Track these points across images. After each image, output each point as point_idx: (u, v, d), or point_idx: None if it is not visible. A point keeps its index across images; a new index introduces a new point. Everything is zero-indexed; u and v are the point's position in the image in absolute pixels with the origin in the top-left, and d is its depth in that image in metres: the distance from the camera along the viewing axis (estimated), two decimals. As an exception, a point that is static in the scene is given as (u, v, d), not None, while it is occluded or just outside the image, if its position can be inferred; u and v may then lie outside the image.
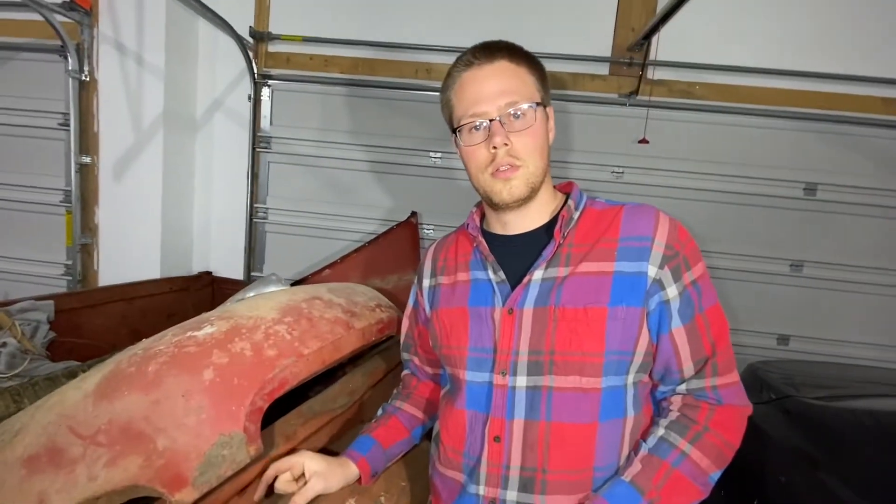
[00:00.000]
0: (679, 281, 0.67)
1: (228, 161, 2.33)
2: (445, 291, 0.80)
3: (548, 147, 0.75)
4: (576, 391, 0.66)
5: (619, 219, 0.71)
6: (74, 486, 0.58)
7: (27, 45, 2.25)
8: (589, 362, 0.66)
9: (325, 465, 0.75)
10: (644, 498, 0.62)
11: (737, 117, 2.12)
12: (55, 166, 2.26)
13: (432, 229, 2.26)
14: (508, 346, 0.69)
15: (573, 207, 0.74)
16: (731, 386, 0.68)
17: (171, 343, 0.67)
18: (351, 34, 2.22)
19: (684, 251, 0.68)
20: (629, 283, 0.66)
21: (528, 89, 0.72)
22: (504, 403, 0.69)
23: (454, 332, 0.76)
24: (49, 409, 0.66)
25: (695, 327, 0.67)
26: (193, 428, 0.60)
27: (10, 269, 2.35)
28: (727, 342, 0.69)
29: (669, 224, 0.69)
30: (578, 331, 0.66)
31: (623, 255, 0.68)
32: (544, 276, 0.70)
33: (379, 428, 0.85)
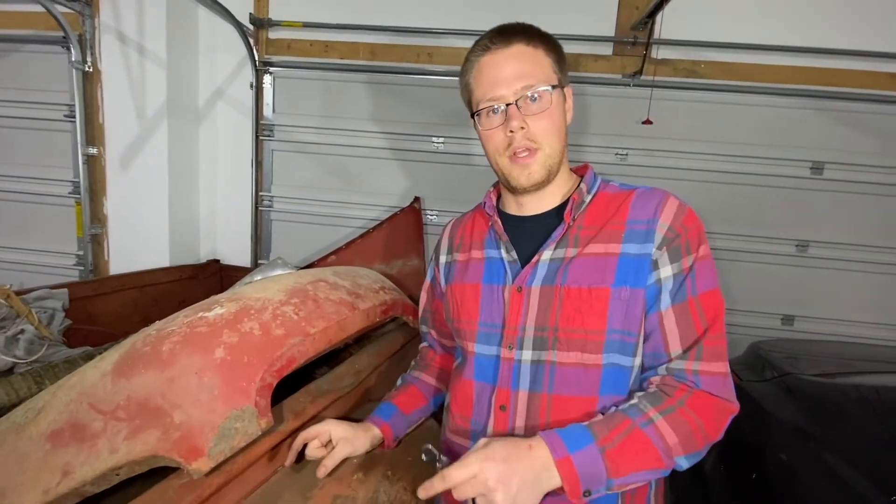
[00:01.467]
0: (676, 262, 0.67)
1: (232, 150, 2.35)
2: (460, 267, 0.84)
3: (565, 128, 0.76)
4: (577, 366, 0.69)
5: (628, 202, 0.72)
6: (97, 458, 0.62)
7: (30, 36, 2.26)
8: (591, 340, 0.68)
9: (351, 430, 0.80)
10: (595, 443, 0.60)
11: (742, 96, 2.09)
12: (63, 158, 2.29)
13: (436, 214, 2.27)
14: (516, 322, 0.73)
15: (585, 190, 0.76)
16: (715, 375, 0.65)
17: (183, 324, 0.70)
18: (351, 19, 2.21)
19: (687, 235, 0.68)
20: (634, 264, 0.68)
21: (545, 72, 0.72)
22: (510, 375, 0.73)
23: (465, 306, 0.80)
24: (70, 387, 0.69)
25: (686, 309, 0.67)
26: (207, 403, 0.63)
27: (23, 260, 2.41)
28: (720, 331, 0.67)
29: (677, 208, 0.70)
30: (582, 309, 0.69)
31: (630, 238, 0.69)
32: (552, 257, 0.73)
33: (399, 395, 0.91)
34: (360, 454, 0.81)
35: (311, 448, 0.78)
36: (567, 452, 0.60)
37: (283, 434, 0.78)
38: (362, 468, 0.81)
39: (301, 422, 0.82)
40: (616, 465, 0.60)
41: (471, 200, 0.84)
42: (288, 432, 0.79)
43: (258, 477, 0.74)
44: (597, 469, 0.59)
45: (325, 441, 0.79)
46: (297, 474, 0.78)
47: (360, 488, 0.79)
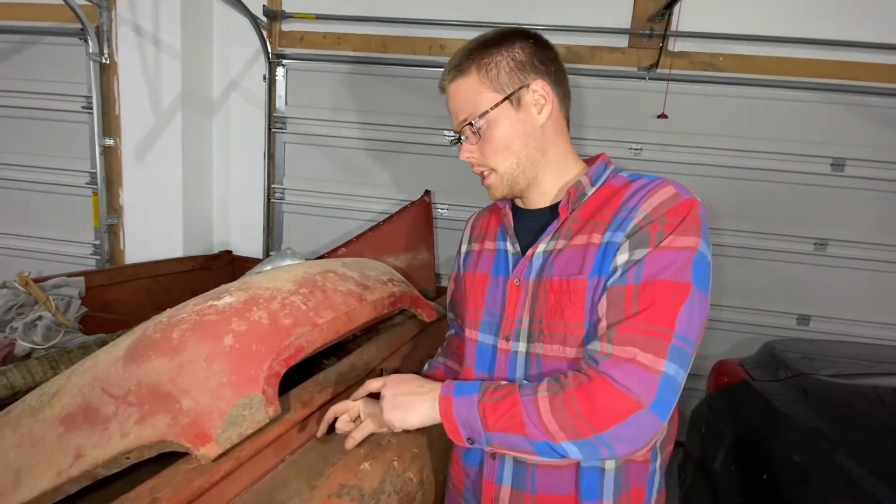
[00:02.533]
0: (636, 250, 0.63)
1: (245, 142, 2.37)
2: (474, 257, 0.87)
3: (521, 139, 0.73)
4: (558, 359, 0.69)
5: (625, 192, 0.70)
6: (108, 442, 0.63)
7: (48, 28, 2.30)
8: (570, 333, 0.68)
9: (379, 407, 0.81)
10: (477, 394, 0.66)
11: (761, 90, 2.05)
12: (80, 149, 2.33)
13: (446, 208, 2.26)
14: (513, 315, 0.75)
15: (587, 182, 0.74)
16: (624, 362, 0.59)
17: (193, 311, 0.71)
18: (364, 11, 2.21)
19: (663, 225, 0.63)
20: (605, 252, 0.66)
21: (477, 99, 0.73)
22: (506, 366, 0.75)
23: (473, 295, 0.82)
24: (83, 372, 0.71)
25: (620, 293, 0.62)
26: (216, 390, 0.64)
27: (41, 249, 2.46)
28: (653, 321, 0.59)
29: (668, 197, 0.65)
30: (562, 301, 0.68)
31: (612, 227, 0.67)
32: (545, 249, 0.73)
33: (436, 370, 0.95)
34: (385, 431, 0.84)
35: (341, 422, 0.82)
36: (451, 394, 0.67)
37: (290, 423, 0.78)
38: (369, 457, 0.81)
39: (309, 411, 0.82)
40: (487, 420, 0.64)
41: (481, 195, 0.84)
42: (295, 421, 0.80)
43: (265, 465, 0.74)
44: (471, 416, 0.65)
45: (355, 416, 0.82)
46: (304, 463, 0.78)
47: (366, 477, 0.79)
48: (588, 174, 0.75)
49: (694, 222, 0.64)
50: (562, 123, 0.77)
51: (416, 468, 0.88)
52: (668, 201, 0.65)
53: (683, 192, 0.67)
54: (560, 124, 0.77)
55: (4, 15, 2.34)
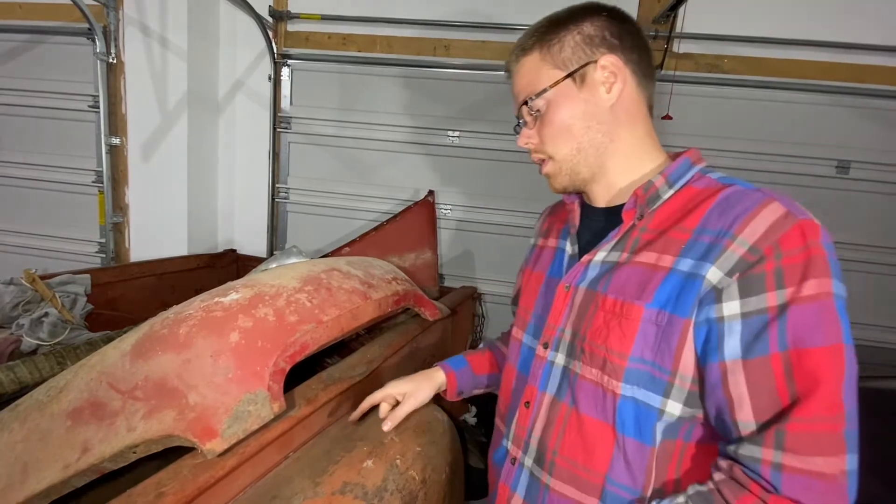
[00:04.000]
0: (752, 297, 0.50)
1: (250, 141, 2.38)
2: (536, 253, 0.82)
3: (584, 121, 0.65)
4: (595, 385, 0.61)
5: (709, 203, 0.57)
6: (115, 436, 0.63)
7: (56, 28, 2.32)
8: (611, 361, 0.59)
9: (413, 384, 0.85)
10: None
11: (766, 91, 2.05)
12: (87, 147, 2.35)
13: (450, 209, 2.27)
14: (556, 322, 0.68)
15: (661, 183, 0.62)
16: (811, 477, 0.46)
17: (199, 308, 0.72)
18: (369, 11, 2.22)
19: (781, 261, 0.50)
20: (682, 285, 0.55)
21: (538, 77, 0.67)
22: (540, 374, 0.69)
23: (527, 293, 0.78)
24: (91, 367, 0.71)
25: (766, 368, 0.49)
26: (222, 385, 0.64)
27: (47, 247, 2.48)
28: (825, 409, 0.47)
29: (775, 220, 0.52)
30: (610, 324, 0.60)
31: (689, 250, 0.56)
32: (605, 259, 0.65)
33: (474, 355, 0.94)
34: (426, 403, 0.86)
35: (382, 412, 0.84)
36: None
37: (294, 420, 0.79)
38: (372, 455, 0.81)
39: (313, 408, 0.83)
40: None
41: (485, 194, 0.83)
42: (300, 418, 0.80)
43: (270, 461, 0.75)
44: None
45: (393, 403, 0.84)
46: (308, 460, 0.78)
47: (369, 475, 0.79)
48: (665, 173, 0.63)
49: (820, 254, 0.50)
50: (639, 106, 0.66)
51: (418, 467, 0.88)
52: (777, 225, 0.51)
53: (797, 211, 0.53)
54: (636, 107, 0.66)
55: (12, 14, 2.37)
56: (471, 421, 1.87)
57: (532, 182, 2.17)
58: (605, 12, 0.66)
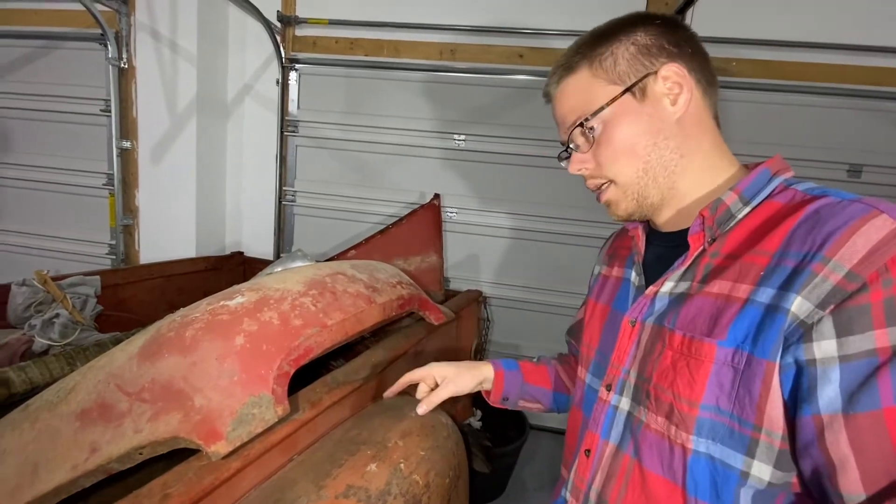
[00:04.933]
0: (853, 336, 0.41)
1: (258, 145, 2.41)
2: (601, 283, 0.75)
3: (649, 138, 0.58)
4: (662, 437, 0.53)
5: (794, 220, 0.48)
6: (122, 437, 0.64)
7: (70, 34, 2.36)
8: (679, 409, 0.51)
9: (454, 370, 0.80)
10: None
11: (775, 95, 2.03)
12: (98, 151, 2.39)
13: (455, 212, 2.27)
14: (620, 361, 0.61)
15: (733, 200, 0.55)
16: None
17: (206, 311, 0.73)
18: (376, 16, 2.23)
19: (893, 288, 0.40)
20: (762, 319, 0.46)
21: (588, 95, 0.60)
22: (602, 420, 0.62)
23: (591, 327, 0.71)
24: (99, 368, 0.72)
25: (877, 423, 0.39)
26: (227, 388, 0.65)
27: (59, 248, 2.52)
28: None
29: (881, 238, 0.42)
30: (678, 365, 0.52)
31: (768, 277, 0.47)
32: (674, 290, 0.57)
33: (528, 364, 0.87)
34: (464, 393, 0.81)
35: (420, 392, 0.82)
36: None
37: (298, 423, 0.80)
38: (375, 459, 0.82)
39: (317, 412, 0.83)
40: None
41: (490, 198, 0.82)
42: (304, 422, 0.81)
43: (274, 464, 0.75)
44: None
45: (432, 385, 0.81)
46: (312, 463, 0.79)
47: (373, 479, 0.79)
48: (738, 188, 0.55)
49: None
50: (707, 116, 0.60)
51: (422, 471, 0.88)
52: (886, 244, 0.41)
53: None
54: (705, 116, 0.60)
55: (28, 21, 2.42)
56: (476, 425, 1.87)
57: (538, 186, 2.17)
58: (658, 20, 0.61)
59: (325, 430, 0.88)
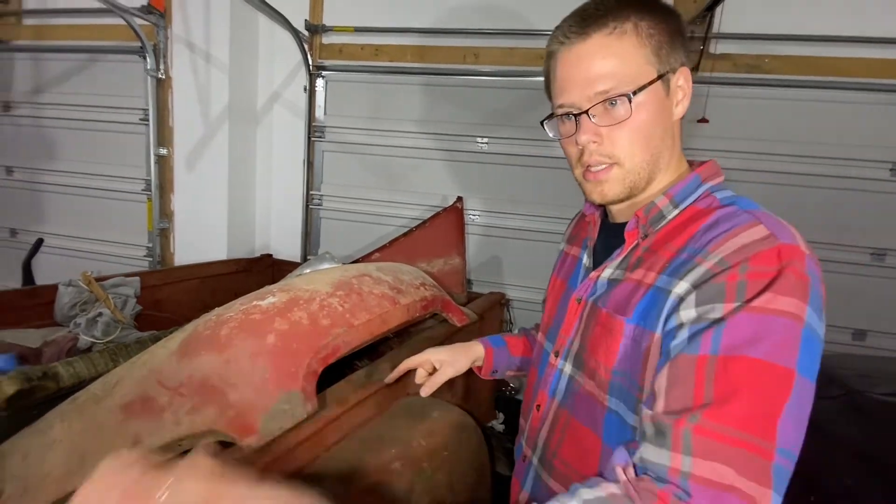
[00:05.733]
0: (707, 304, 0.49)
1: (286, 150, 2.48)
2: (562, 259, 0.83)
3: (663, 130, 0.60)
4: (589, 395, 0.63)
5: (701, 223, 0.56)
6: (162, 429, 0.68)
7: (112, 47, 2.50)
8: (599, 373, 0.61)
9: (451, 353, 0.87)
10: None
11: (812, 92, 1.96)
12: (137, 158, 2.51)
13: (478, 214, 2.28)
14: (567, 332, 0.69)
15: (664, 203, 0.60)
16: (722, 491, 0.42)
17: (239, 311, 0.76)
18: (400, 22, 2.27)
19: (746, 274, 0.47)
20: (654, 300, 0.55)
21: (631, 68, 0.57)
22: (551, 381, 0.71)
23: (551, 299, 0.80)
24: (142, 365, 0.77)
25: (692, 365, 0.47)
26: (259, 385, 0.68)
27: (99, 251, 2.66)
28: (753, 428, 0.43)
29: (752, 240, 0.49)
30: (602, 337, 0.61)
31: (669, 267, 0.55)
32: (610, 276, 0.64)
33: (511, 338, 0.96)
34: (462, 373, 0.88)
35: (418, 377, 0.87)
36: None
37: (326, 420, 0.82)
38: (400, 458, 0.83)
39: (343, 409, 0.86)
40: None
41: (513, 200, 0.83)
42: (331, 419, 0.83)
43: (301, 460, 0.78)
44: None
45: (430, 370, 0.86)
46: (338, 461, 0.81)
47: (398, 480, 0.81)
48: (670, 193, 0.60)
49: (799, 279, 0.47)
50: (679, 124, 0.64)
51: (445, 471, 0.90)
52: (754, 245, 0.49)
53: (782, 235, 0.49)
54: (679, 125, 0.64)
55: (73, 35, 2.56)
56: (498, 428, 1.87)
57: (561, 188, 2.16)
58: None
59: (351, 429, 0.91)
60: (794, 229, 0.52)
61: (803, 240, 0.51)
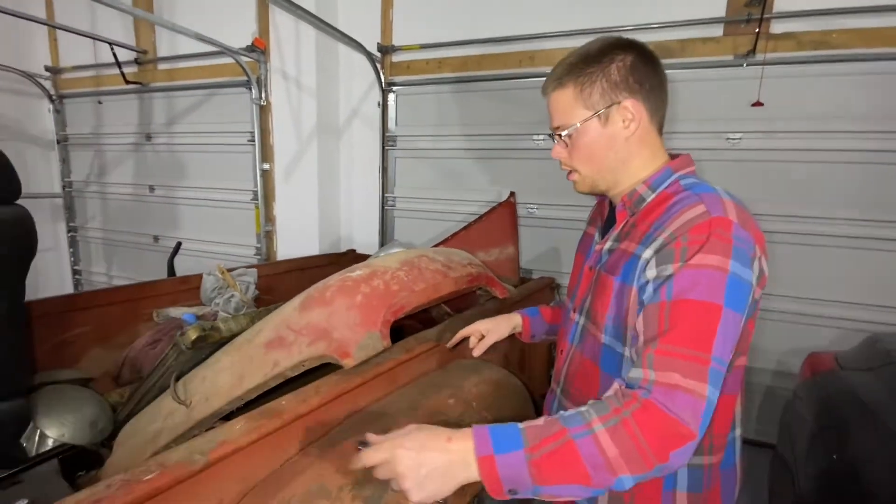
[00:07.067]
0: (662, 265, 0.70)
1: (364, 159, 2.94)
2: (582, 237, 1.06)
3: (604, 149, 0.83)
4: (593, 336, 0.85)
5: (666, 204, 0.77)
6: (291, 356, 1.07)
7: (224, 82, 3.13)
8: (598, 319, 0.83)
9: (494, 322, 1.15)
10: (524, 450, 0.62)
11: (885, 64, 1.94)
12: (246, 173, 3.12)
13: (536, 207, 2.54)
14: (582, 293, 0.93)
15: (643, 190, 0.83)
16: (670, 388, 0.62)
17: (337, 280, 1.14)
18: (460, 35, 2.61)
19: (686, 243, 0.69)
20: (633, 263, 0.76)
21: (570, 113, 0.83)
22: (570, 331, 0.95)
23: (574, 270, 1.02)
24: (275, 316, 1.18)
25: (656, 309, 0.69)
26: (352, 327, 1.05)
27: (219, 251, 3.33)
28: (697, 345, 0.64)
29: (694, 216, 0.70)
30: (601, 293, 0.83)
31: (643, 239, 0.77)
32: (609, 247, 0.87)
33: (545, 308, 1.22)
34: (504, 337, 1.16)
35: (471, 343, 1.16)
36: (492, 452, 0.63)
37: (396, 362, 1.17)
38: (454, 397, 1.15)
39: (410, 356, 1.20)
40: (541, 475, 0.61)
41: (569, 192, 1.02)
42: (400, 361, 1.18)
43: (381, 390, 1.13)
44: (520, 475, 0.62)
45: (479, 337, 1.16)
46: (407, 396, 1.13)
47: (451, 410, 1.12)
48: (647, 181, 0.83)
49: (722, 241, 0.67)
50: (649, 135, 0.84)
51: (491, 410, 1.19)
52: (694, 219, 0.70)
53: (714, 210, 0.70)
54: (647, 136, 0.84)
55: (195, 75, 3.25)
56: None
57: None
58: (633, 53, 0.81)
59: (417, 375, 1.24)
60: (730, 204, 0.72)
61: (737, 211, 0.71)
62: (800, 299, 2.16)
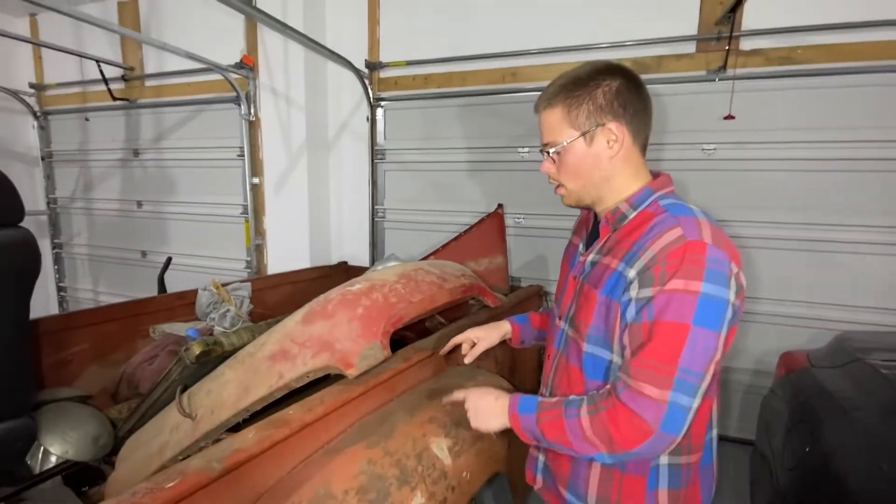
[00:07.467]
0: (644, 288, 0.78)
1: (354, 173, 3.02)
2: (568, 246, 1.12)
3: (589, 168, 0.90)
4: (576, 344, 0.93)
5: (646, 226, 0.84)
6: (296, 368, 1.13)
7: (213, 98, 3.18)
8: (581, 329, 0.91)
9: (485, 330, 1.22)
10: (535, 414, 0.88)
11: (845, 78, 2.09)
12: (236, 187, 3.17)
13: (522, 217, 2.64)
14: (567, 302, 1.00)
15: (625, 208, 0.90)
16: (639, 395, 0.75)
17: (338, 293, 1.21)
18: (446, 52, 2.71)
19: (664, 268, 0.77)
20: (617, 280, 0.84)
21: (559, 131, 0.90)
22: (555, 337, 1.03)
23: (560, 279, 1.09)
24: (278, 330, 1.24)
25: (639, 329, 0.79)
26: (354, 339, 1.11)
27: (209, 265, 3.36)
28: (664, 360, 0.75)
29: (672, 240, 0.77)
30: (584, 304, 0.91)
31: (625, 257, 0.84)
32: (592, 259, 0.94)
33: (534, 315, 1.28)
34: (494, 345, 1.23)
35: (463, 350, 1.22)
36: (517, 411, 0.91)
37: (396, 371, 1.24)
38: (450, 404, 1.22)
39: (408, 365, 1.27)
40: (543, 433, 0.86)
41: (554, 203, 1.08)
42: (399, 370, 1.25)
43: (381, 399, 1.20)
44: (532, 429, 0.88)
45: (471, 344, 1.22)
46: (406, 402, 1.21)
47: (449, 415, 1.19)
48: (629, 200, 0.90)
49: (695, 265, 0.75)
50: (632, 155, 0.90)
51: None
52: (671, 244, 0.77)
53: (690, 234, 0.77)
54: (630, 156, 0.90)
55: (183, 91, 3.30)
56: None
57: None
58: (620, 79, 0.86)
59: (415, 383, 1.32)
60: (705, 225, 0.79)
61: (711, 231, 0.79)
62: (775, 301, 2.28)
